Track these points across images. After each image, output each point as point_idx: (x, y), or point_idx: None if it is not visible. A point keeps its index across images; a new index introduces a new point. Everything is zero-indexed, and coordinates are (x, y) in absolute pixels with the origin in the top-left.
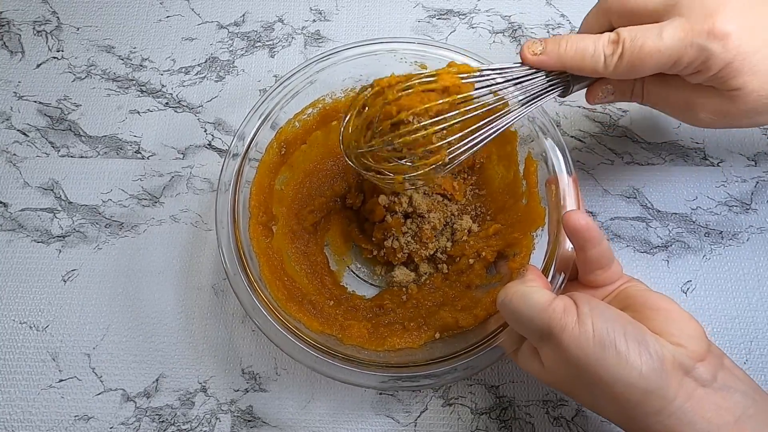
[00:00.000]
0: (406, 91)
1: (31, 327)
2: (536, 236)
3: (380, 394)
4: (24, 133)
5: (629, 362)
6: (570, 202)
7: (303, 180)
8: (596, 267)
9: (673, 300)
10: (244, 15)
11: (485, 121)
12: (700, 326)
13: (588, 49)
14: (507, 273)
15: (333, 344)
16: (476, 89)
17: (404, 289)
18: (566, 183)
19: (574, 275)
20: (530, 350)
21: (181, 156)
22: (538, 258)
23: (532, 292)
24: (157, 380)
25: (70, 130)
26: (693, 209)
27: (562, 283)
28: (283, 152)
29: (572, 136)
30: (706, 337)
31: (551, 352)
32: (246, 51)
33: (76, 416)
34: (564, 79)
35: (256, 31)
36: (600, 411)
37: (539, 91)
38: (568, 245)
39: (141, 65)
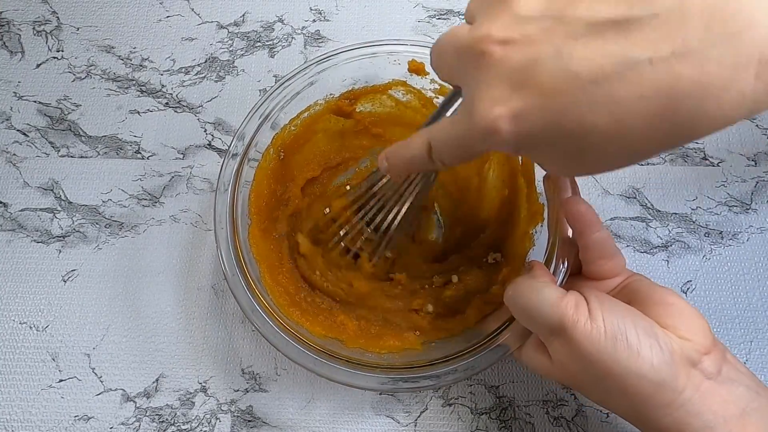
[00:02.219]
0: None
1: (31, 327)
2: (536, 233)
3: (380, 394)
4: (24, 133)
5: (641, 355)
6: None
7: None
8: (598, 256)
9: (679, 294)
10: (244, 15)
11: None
12: (705, 321)
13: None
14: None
15: (333, 346)
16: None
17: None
18: (564, 179)
19: (577, 270)
20: (536, 345)
21: (181, 156)
22: (538, 255)
23: (543, 287)
24: (157, 380)
25: (70, 130)
26: (693, 209)
27: (564, 275)
28: (281, 157)
29: None
30: (711, 331)
31: (561, 347)
32: (246, 51)
33: (76, 416)
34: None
35: (256, 31)
36: (609, 405)
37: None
38: (570, 232)
39: (141, 65)
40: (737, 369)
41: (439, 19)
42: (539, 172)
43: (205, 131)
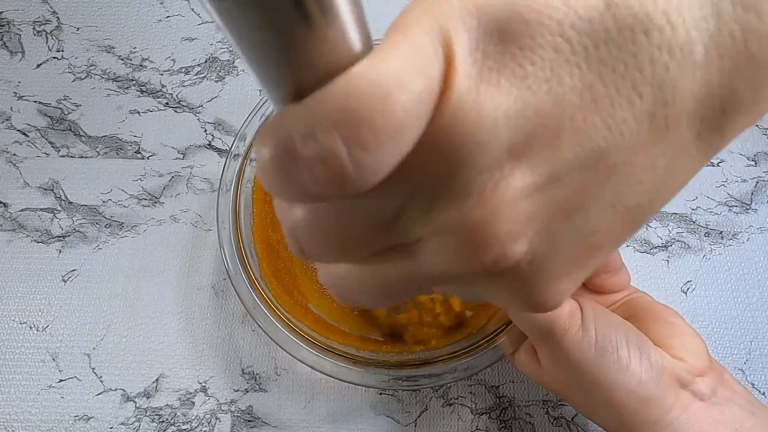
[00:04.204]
0: None
1: (31, 327)
2: None
3: (380, 394)
4: (24, 133)
5: (630, 368)
6: None
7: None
8: (602, 269)
9: (678, 314)
10: None
11: None
12: (703, 342)
13: None
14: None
15: (333, 344)
16: None
17: None
18: None
19: None
20: (528, 350)
21: (181, 156)
22: None
23: None
24: (157, 380)
25: (70, 130)
26: (693, 209)
27: None
28: None
29: None
30: (708, 353)
31: (551, 354)
32: None
33: (76, 416)
34: None
35: None
36: (595, 417)
37: None
38: None
39: (141, 65)
40: (733, 390)
41: None
42: None
43: (205, 131)
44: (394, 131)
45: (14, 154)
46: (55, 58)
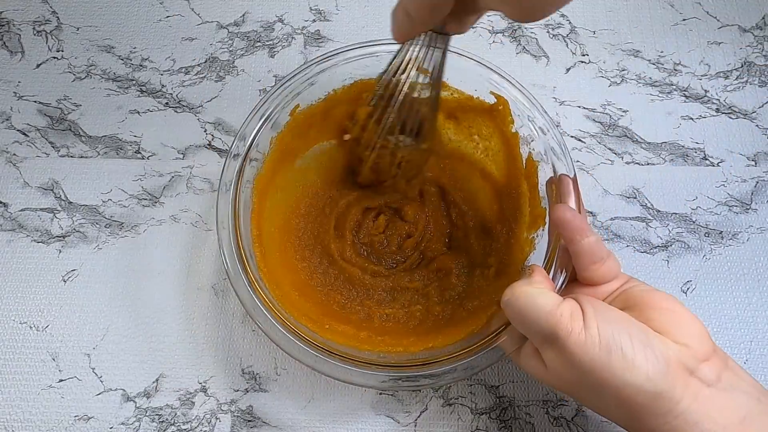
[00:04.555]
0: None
1: (31, 327)
2: (536, 237)
3: (380, 394)
4: (24, 133)
5: (636, 365)
6: (570, 202)
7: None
8: (590, 261)
9: (677, 299)
10: (244, 15)
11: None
12: (704, 326)
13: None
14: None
15: (333, 344)
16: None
17: None
18: (567, 183)
19: (573, 276)
20: (532, 351)
21: (181, 156)
22: (538, 259)
23: (540, 293)
24: (157, 380)
25: (70, 130)
26: (693, 209)
27: (563, 282)
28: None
29: (572, 136)
30: (710, 337)
31: (555, 356)
32: (246, 51)
33: (76, 416)
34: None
35: (256, 31)
36: (605, 413)
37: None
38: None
39: (141, 65)
40: (738, 376)
41: None
42: (542, 176)
43: (205, 131)
44: None
45: (14, 154)
46: (55, 58)
